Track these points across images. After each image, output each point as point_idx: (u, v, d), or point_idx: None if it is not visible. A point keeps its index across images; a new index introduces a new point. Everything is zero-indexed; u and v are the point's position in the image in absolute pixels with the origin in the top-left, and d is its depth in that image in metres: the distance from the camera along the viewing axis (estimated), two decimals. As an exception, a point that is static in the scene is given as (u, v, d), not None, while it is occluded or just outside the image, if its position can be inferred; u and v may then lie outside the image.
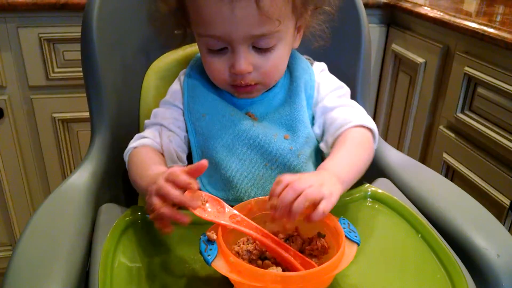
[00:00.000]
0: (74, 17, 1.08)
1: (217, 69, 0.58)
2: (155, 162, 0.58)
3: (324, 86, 0.65)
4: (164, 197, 0.46)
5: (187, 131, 0.64)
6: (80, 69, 0.69)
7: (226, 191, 0.61)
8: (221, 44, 0.56)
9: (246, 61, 0.55)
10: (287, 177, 0.46)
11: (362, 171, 0.58)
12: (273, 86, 0.64)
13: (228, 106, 0.63)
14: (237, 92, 0.61)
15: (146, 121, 0.66)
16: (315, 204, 0.45)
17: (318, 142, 0.64)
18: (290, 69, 0.65)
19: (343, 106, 0.63)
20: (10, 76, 1.12)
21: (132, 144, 0.62)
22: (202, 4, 0.54)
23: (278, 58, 0.58)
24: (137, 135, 0.64)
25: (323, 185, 0.46)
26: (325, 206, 0.45)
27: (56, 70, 1.13)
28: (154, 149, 0.61)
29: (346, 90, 0.67)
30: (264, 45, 0.56)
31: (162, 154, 0.61)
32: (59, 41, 1.11)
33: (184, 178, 0.46)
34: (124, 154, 0.63)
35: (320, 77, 0.66)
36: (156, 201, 0.46)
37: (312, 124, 0.64)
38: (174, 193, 0.45)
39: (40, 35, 1.09)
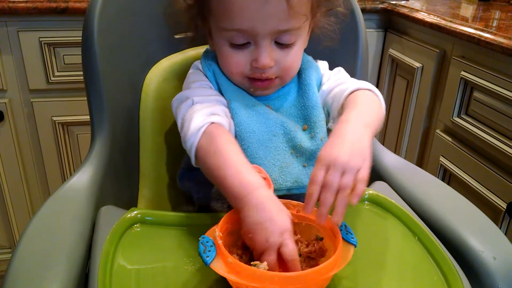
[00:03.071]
0: (74, 22, 1.09)
1: (238, 62, 0.58)
2: (245, 161, 0.52)
3: (326, 75, 0.67)
4: (282, 257, 0.44)
5: None
6: (80, 72, 0.69)
7: None
8: (245, 39, 0.56)
9: (269, 55, 0.57)
10: (318, 177, 0.46)
11: (381, 118, 0.58)
12: (286, 84, 0.65)
13: (249, 97, 0.63)
14: (253, 87, 0.61)
15: (197, 98, 0.59)
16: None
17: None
18: None
19: (339, 84, 0.64)
20: (11, 80, 1.13)
21: (208, 118, 0.55)
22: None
23: (296, 55, 0.60)
24: (202, 109, 0.56)
25: (353, 155, 0.47)
26: (364, 176, 0.47)
27: (56, 73, 1.14)
28: (228, 132, 0.57)
29: (343, 71, 0.69)
30: (286, 41, 0.57)
31: None
32: (60, 45, 1.11)
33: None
34: (195, 129, 0.54)
35: (325, 70, 0.69)
36: (273, 259, 0.44)
37: None
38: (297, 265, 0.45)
39: (41, 39, 1.09)
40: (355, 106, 0.57)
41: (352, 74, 0.79)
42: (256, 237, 0.45)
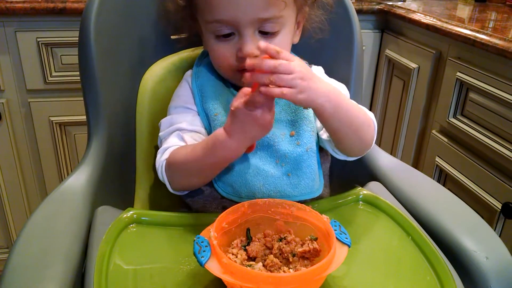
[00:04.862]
0: (71, 22, 1.09)
1: (224, 54, 0.60)
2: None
3: None
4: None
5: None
6: (77, 73, 0.70)
7: (239, 187, 0.61)
8: (229, 29, 0.58)
9: (253, 44, 0.58)
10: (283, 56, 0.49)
11: (357, 124, 0.58)
12: None
13: None
14: (243, 78, 0.62)
15: (161, 133, 0.64)
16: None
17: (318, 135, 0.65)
18: None
19: None
20: (8, 80, 1.13)
21: (162, 157, 0.60)
22: None
23: (282, 43, 0.61)
24: (160, 150, 0.62)
25: (309, 80, 0.50)
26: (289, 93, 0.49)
27: (54, 74, 1.14)
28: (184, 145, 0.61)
29: (344, 88, 0.68)
30: (269, 29, 0.58)
31: None
32: (57, 45, 1.11)
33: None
34: (159, 170, 0.61)
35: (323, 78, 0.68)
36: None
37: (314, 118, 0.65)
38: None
39: (38, 39, 1.10)
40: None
41: (347, 75, 0.79)
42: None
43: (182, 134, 0.62)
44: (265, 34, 0.59)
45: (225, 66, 0.61)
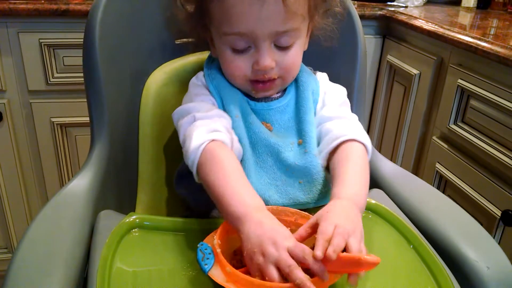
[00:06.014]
0: (74, 23, 1.09)
1: (240, 66, 0.60)
2: (242, 176, 0.53)
3: (329, 96, 0.67)
4: (284, 272, 0.43)
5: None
6: (80, 74, 0.70)
7: None
8: (246, 43, 0.58)
9: (270, 57, 0.58)
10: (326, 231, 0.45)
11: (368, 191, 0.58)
12: (285, 93, 0.66)
13: (248, 111, 0.63)
14: (255, 90, 0.62)
15: (199, 114, 0.58)
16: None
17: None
18: (296, 76, 0.66)
19: (340, 118, 0.64)
20: (10, 80, 1.13)
21: (208, 135, 0.55)
22: (231, 4, 0.56)
23: (296, 55, 0.61)
24: (203, 126, 0.56)
25: (355, 232, 0.47)
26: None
27: (56, 75, 1.14)
28: (229, 149, 0.56)
29: (347, 102, 0.69)
30: (285, 43, 0.59)
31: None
32: (59, 46, 1.12)
33: (316, 268, 0.43)
34: (195, 146, 0.54)
35: (327, 87, 0.68)
36: (274, 274, 0.43)
37: None
38: (301, 276, 0.42)
39: (41, 40, 1.10)
40: (350, 177, 0.55)
41: (351, 80, 0.80)
42: (261, 248, 0.44)
43: (227, 124, 0.59)
44: (280, 47, 0.59)
45: (239, 77, 0.61)
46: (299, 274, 0.42)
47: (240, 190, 0.51)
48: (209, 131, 0.56)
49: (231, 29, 0.57)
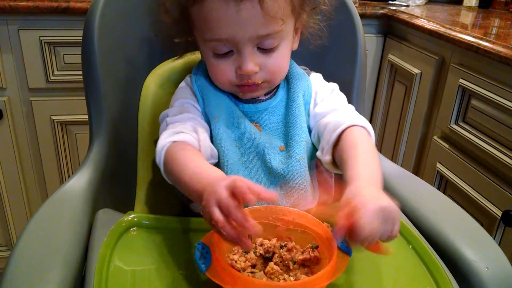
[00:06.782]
0: (75, 21, 1.09)
1: (223, 71, 0.59)
2: (204, 163, 0.54)
3: (320, 94, 0.66)
4: (225, 212, 0.42)
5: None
6: (80, 72, 0.70)
7: None
8: (228, 47, 0.57)
9: (253, 61, 0.57)
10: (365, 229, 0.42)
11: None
12: (275, 95, 0.65)
13: (237, 111, 0.63)
14: (242, 92, 0.62)
15: (169, 119, 0.61)
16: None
17: (316, 149, 0.64)
18: (287, 76, 0.66)
19: (334, 111, 0.63)
20: (10, 78, 1.13)
21: (170, 137, 0.57)
22: (208, 10, 0.55)
23: (281, 57, 0.60)
24: (170, 129, 0.58)
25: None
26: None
27: (56, 73, 1.14)
28: (194, 148, 0.57)
29: (339, 94, 0.68)
30: (268, 46, 0.58)
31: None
32: (60, 44, 1.12)
33: (250, 198, 0.42)
34: (160, 149, 0.57)
35: (318, 86, 0.68)
36: (217, 215, 0.42)
37: (310, 131, 0.65)
38: (238, 215, 0.41)
39: (41, 38, 1.10)
40: (363, 161, 0.54)
41: (351, 80, 0.79)
42: (206, 196, 0.44)
43: (196, 126, 0.60)
44: (264, 50, 0.58)
45: (224, 81, 0.61)
46: (238, 214, 0.41)
47: (196, 170, 0.52)
48: (172, 133, 0.58)
49: (211, 35, 0.57)
